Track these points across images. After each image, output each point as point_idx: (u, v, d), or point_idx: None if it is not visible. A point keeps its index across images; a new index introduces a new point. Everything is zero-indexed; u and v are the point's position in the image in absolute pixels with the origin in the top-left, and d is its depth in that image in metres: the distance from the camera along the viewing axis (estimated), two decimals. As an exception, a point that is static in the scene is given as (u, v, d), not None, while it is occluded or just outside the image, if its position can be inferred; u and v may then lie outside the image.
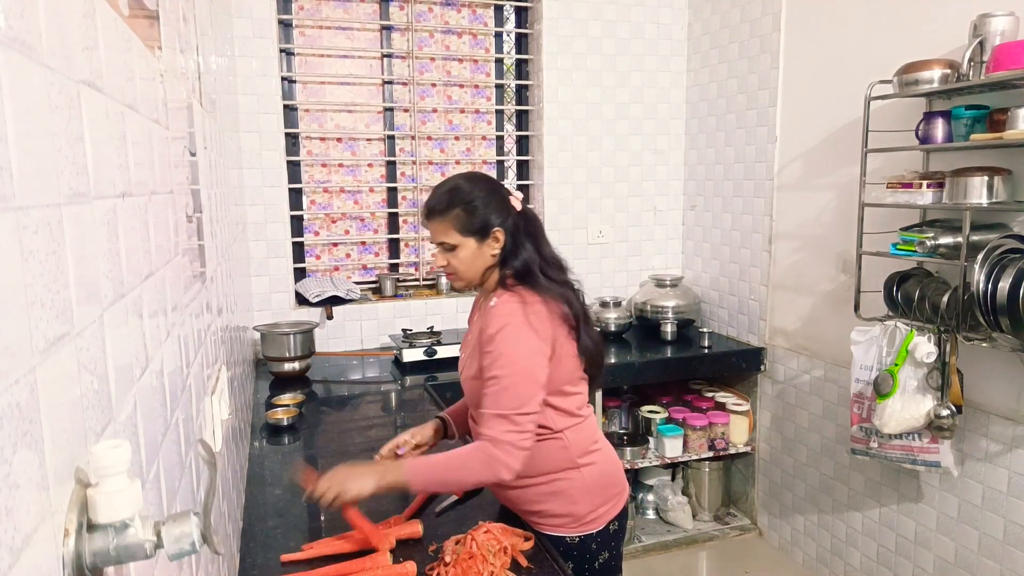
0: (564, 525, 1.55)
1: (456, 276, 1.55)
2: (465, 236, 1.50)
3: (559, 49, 3.29)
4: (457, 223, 1.49)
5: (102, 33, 0.60)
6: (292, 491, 1.75)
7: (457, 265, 1.52)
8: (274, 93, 2.95)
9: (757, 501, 3.25)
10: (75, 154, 0.50)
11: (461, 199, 1.50)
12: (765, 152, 3.01)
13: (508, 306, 1.46)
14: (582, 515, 1.55)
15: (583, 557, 1.57)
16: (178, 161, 1.00)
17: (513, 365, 1.41)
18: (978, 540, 2.22)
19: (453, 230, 1.50)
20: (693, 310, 3.34)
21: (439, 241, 1.52)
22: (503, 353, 1.42)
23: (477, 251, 1.51)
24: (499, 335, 1.43)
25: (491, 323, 1.45)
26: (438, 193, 1.53)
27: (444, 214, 1.50)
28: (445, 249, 1.52)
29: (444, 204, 1.50)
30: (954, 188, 2.02)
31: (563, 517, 1.55)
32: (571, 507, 1.55)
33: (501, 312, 1.46)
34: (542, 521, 1.56)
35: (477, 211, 1.49)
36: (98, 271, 0.54)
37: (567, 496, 1.55)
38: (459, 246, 1.50)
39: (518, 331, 1.43)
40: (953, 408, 2.11)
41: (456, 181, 1.55)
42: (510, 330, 1.43)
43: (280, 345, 2.71)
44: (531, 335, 1.44)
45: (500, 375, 1.41)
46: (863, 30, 2.52)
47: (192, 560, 0.85)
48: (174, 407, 0.82)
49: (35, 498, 0.39)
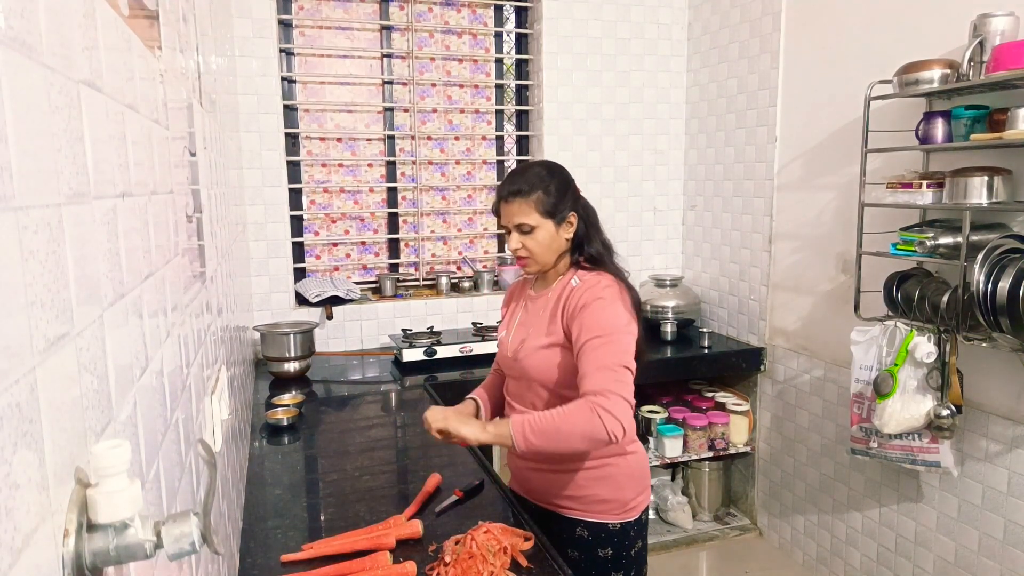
0: (609, 511, 1.59)
1: (531, 259, 1.56)
2: (545, 218, 1.53)
3: (559, 49, 3.29)
4: (539, 205, 1.52)
5: (102, 33, 0.60)
6: (292, 491, 1.75)
7: (534, 247, 1.54)
8: (274, 93, 2.96)
9: (757, 501, 3.25)
10: (75, 154, 0.50)
11: (543, 182, 1.54)
12: (765, 152, 3.01)
13: (604, 279, 1.53)
14: (626, 501, 1.60)
15: (622, 544, 1.60)
16: (178, 161, 1.00)
17: (614, 324, 1.46)
18: (978, 540, 2.22)
19: (535, 211, 1.52)
20: (693, 310, 3.34)
21: (518, 223, 1.53)
22: (607, 316, 1.46)
23: (555, 234, 1.55)
24: (598, 302, 1.48)
25: (586, 294, 1.50)
26: (520, 175, 1.56)
27: (528, 195, 1.52)
28: (523, 231, 1.54)
29: (528, 185, 1.53)
30: (954, 188, 2.02)
31: (609, 503, 1.58)
32: (618, 493, 1.59)
33: (597, 284, 1.51)
34: (585, 508, 1.59)
35: (557, 194, 1.54)
36: (98, 271, 0.54)
37: (615, 482, 1.58)
38: (538, 228, 1.53)
39: (612, 303, 1.49)
40: (953, 408, 2.11)
41: (537, 166, 1.59)
42: (609, 300, 1.49)
43: (280, 345, 2.71)
44: (623, 309, 1.50)
45: (603, 333, 1.44)
46: (863, 30, 2.52)
47: (192, 560, 0.85)
48: (174, 407, 0.82)
49: (35, 498, 0.39)
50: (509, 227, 1.56)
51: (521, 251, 1.56)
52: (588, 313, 1.47)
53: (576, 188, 1.60)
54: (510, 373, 1.69)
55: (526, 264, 1.59)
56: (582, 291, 1.52)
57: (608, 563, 1.60)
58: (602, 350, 1.43)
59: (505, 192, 1.55)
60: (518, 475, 1.74)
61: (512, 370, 1.67)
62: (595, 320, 1.47)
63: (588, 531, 1.60)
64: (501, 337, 1.73)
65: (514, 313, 1.72)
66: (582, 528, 1.60)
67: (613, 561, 1.60)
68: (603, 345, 1.44)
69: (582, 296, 1.51)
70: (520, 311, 1.70)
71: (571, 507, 1.60)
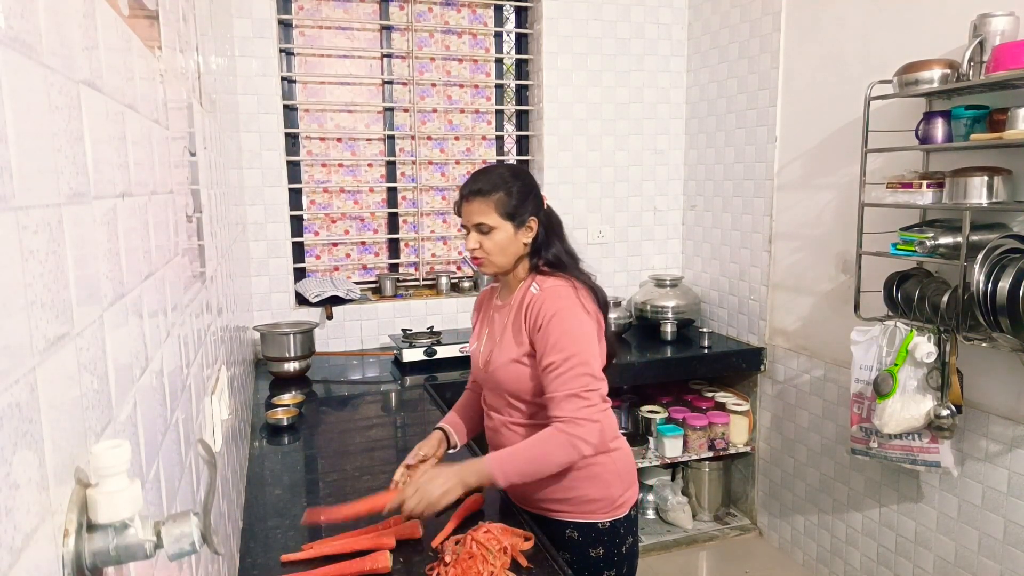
0: (598, 510, 1.59)
1: (487, 260, 1.56)
2: (504, 220, 1.53)
3: (559, 49, 3.29)
4: (499, 206, 1.52)
5: (102, 33, 0.60)
6: (292, 491, 1.75)
7: (491, 248, 1.53)
8: (274, 93, 2.95)
9: (757, 501, 3.25)
10: (75, 154, 0.50)
11: (505, 183, 1.53)
12: (765, 152, 3.01)
13: (560, 288, 1.52)
14: (615, 498, 1.60)
15: (613, 542, 1.60)
16: (178, 161, 1.00)
17: (576, 344, 1.46)
18: (978, 540, 2.22)
19: (494, 212, 1.52)
20: (693, 310, 3.34)
21: (477, 222, 1.53)
22: (565, 332, 1.46)
23: (513, 237, 1.54)
24: (556, 318, 1.47)
25: (544, 306, 1.49)
26: (484, 175, 1.56)
27: (488, 195, 1.52)
28: (481, 231, 1.53)
29: (489, 185, 1.53)
30: (954, 188, 2.02)
31: (598, 502, 1.58)
32: (606, 491, 1.58)
33: (554, 295, 1.51)
34: (573, 509, 1.58)
35: (518, 197, 1.53)
36: (98, 271, 0.54)
37: (602, 480, 1.58)
38: (496, 229, 1.52)
39: (573, 312, 1.49)
40: (953, 408, 2.11)
41: (501, 168, 1.59)
42: (566, 312, 1.48)
43: (280, 345, 2.71)
44: (585, 315, 1.50)
45: (564, 356, 1.45)
46: (863, 30, 2.53)
47: (192, 560, 0.85)
48: (174, 407, 0.82)
49: (35, 498, 0.39)
50: (468, 226, 1.55)
51: (478, 251, 1.55)
52: (549, 332, 1.47)
53: (540, 195, 1.60)
54: (485, 385, 1.69)
55: (481, 264, 1.57)
56: (541, 301, 1.51)
57: (600, 562, 1.60)
58: (567, 375, 1.45)
59: (467, 190, 1.55)
60: None
61: (486, 382, 1.66)
62: (556, 339, 1.46)
63: (578, 532, 1.59)
64: (472, 349, 1.73)
65: (483, 323, 1.72)
66: (572, 529, 1.59)
67: (605, 560, 1.60)
68: (568, 369, 1.45)
69: (541, 308, 1.50)
70: (488, 321, 1.69)
71: (560, 509, 1.60)
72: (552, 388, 1.46)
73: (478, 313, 1.77)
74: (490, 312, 1.70)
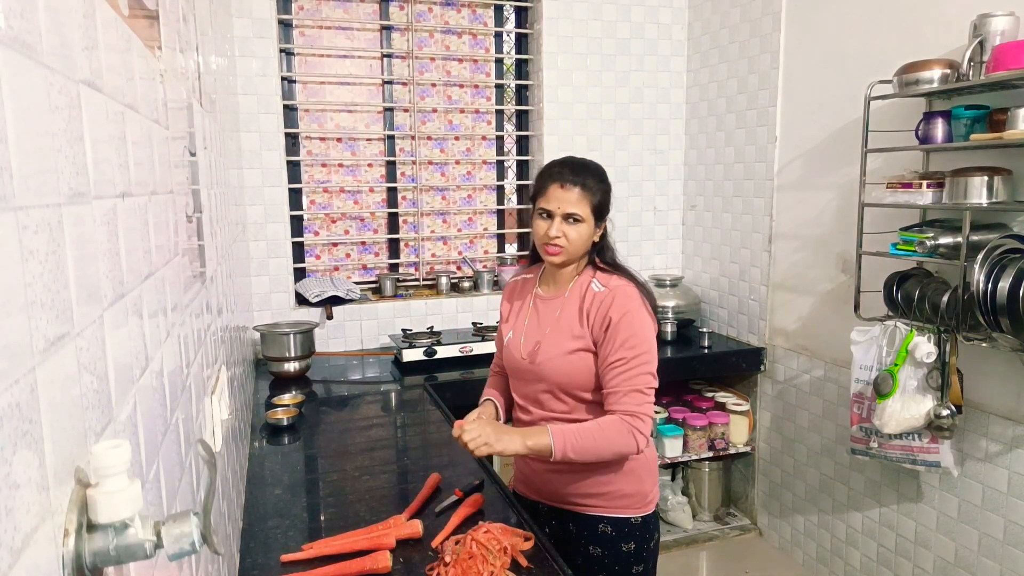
0: (631, 505, 1.62)
1: (565, 250, 1.56)
2: (592, 215, 1.56)
3: (559, 49, 3.29)
4: (594, 201, 1.55)
5: (102, 33, 0.60)
6: (292, 491, 1.75)
7: (574, 238, 1.55)
8: (274, 93, 2.95)
9: (757, 501, 3.25)
10: (75, 154, 0.50)
11: (602, 183, 1.58)
12: (765, 152, 3.01)
13: (629, 289, 1.57)
14: (646, 493, 1.64)
15: (643, 537, 1.63)
16: (178, 161, 1.00)
17: (644, 344, 1.52)
18: (978, 540, 2.22)
19: (588, 206, 1.55)
20: (693, 310, 3.34)
21: (570, 212, 1.53)
22: (634, 334, 1.51)
23: (592, 232, 1.58)
24: (626, 317, 1.52)
25: (615, 304, 1.53)
26: (584, 168, 1.58)
27: (591, 189, 1.55)
28: (571, 220, 1.54)
29: (593, 181, 1.56)
30: (954, 188, 2.02)
31: (631, 496, 1.61)
32: (639, 486, 1.62)
33: (624, 295, 1.55)
34: (608, 504, 1.61)
35: (605, 197, 1.59)
36: (98, 271, 0.54)
37: (636, 475, 1.62)
38: (584, 222, 1.55)
39: (640, 313, 1.54)
40: (953, 408, 2.11)
41: (597, 166, 1.62)
42: (635, 313, 1.53)
43: (280, 345, 2.71)
44: (649, 318, 1.57)
45: (634, 354, 1.51)
46: (863, 30, 2.52)
47: (192, 560, 0.85)
48: (174, 407, 0.82)
49: (35, 498, 0.39)
50: (555, 212, 1.54)
51: (560, 239, 1.54)
52: (620, 329, 1.51)
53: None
54: (522, 376, 1.66)
55: (558, 253, 1.56)
56: (609, 299, 1.54)
57: (631, 557, 1.62)
58: (635, 370, 1.50)
59: (568, 178, 1.55)
60: (533, 478, 1.71)
61: (526, 374, 1.64)
62: (625, 338, 1.51)
63: (612, 527, 1.61)
64: (509, 339, 1.69)
65: (520, 313, 1.70)
66: (605, 524, 1.62)
67: (635, 555, 1.62)
68: (636, 365, 1.50)
69: (611, 306, 1.53)
70: (527, 311, 1.67)
71: (594, 504, 1.62)
72: (616, 383, 1.50)
73: (510, 304, 1.76)
74: (529, 301, 1.69)
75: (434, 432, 2.18)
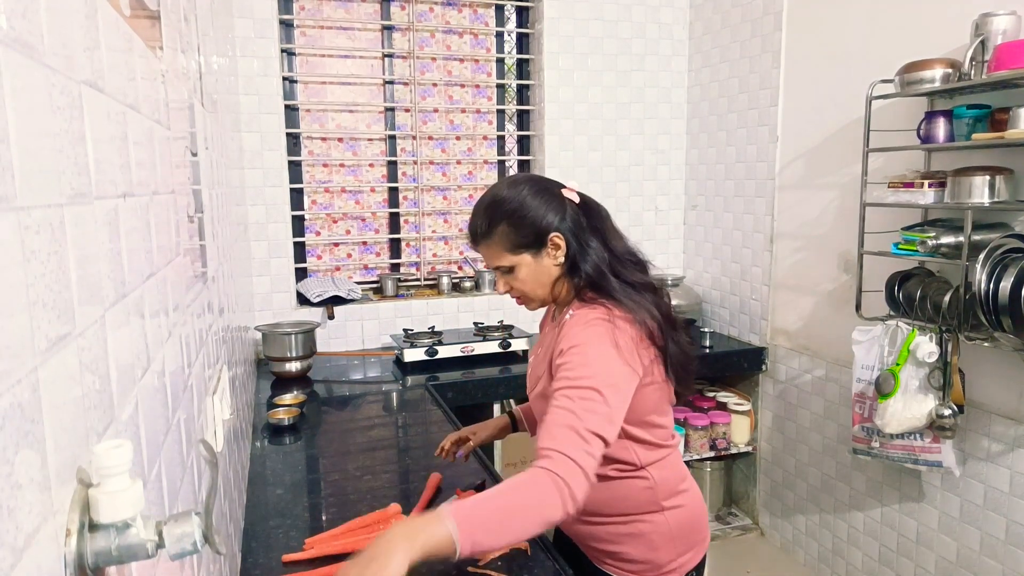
0: (640, 572, 1.38)
1: (526, 296, 1.35)
2: (518, 253, 1.29)
3: (560, 49, 3.29)
4: (506, 241, 1.29)
5: (104, 33, 0.60)
6: (293, 491, 1.75)
7: (521, 287, 1.33)
8: (275, 93, 2.96)
9: (759, 501, 3.25)
10: (77, 154, 0.50)
11: (503, 212, 1.29)
12: (766, 152, 3.01)
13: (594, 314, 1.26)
14: (662, 564, 1.37)
15: None
16: (180, 161, 1.00)
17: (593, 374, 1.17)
18: (980, 540, 2.22)
19: (503, 251, 1.30)
20: (694, 310, 3.34)
21: (494, 266, 1.33)
22: (578, 366, 1.19)
23: (537, 266, 1.30)
24: (571, 351, 1.22)
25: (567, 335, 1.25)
26: (477, 212, 1.33)
27: (489, 236, 1.30)
28: (503, 273, 1.33)
29: (486, 224, 1.30)
30: (956, 188, 2.02)
31: (640, 564, 1.37)
32: (651, 554, 1.37)
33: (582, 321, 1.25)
34: (615, 564, 1.39)
35: (525, 220, 1.28)
36: (100, 271, 0.54)
37: (647, 541, 1.36)
38: (516, 266, 1.30)
39: (599, 345, 1.21)
40: (955, 408, 2.11)
41: (494, 193, 1.33)
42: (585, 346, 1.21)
43: (281, 345, 2.71)
44: (612, 353, 1.21)
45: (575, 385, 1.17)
46: (864, 29, 2.52)
47: (194, 560, 0.85)
48: (176, 407, 0.82)
49: (37, 498, 0.40)
50: (490, 269, 1.37)
51: (512, 292, 1.36)
52: (564, 366, 1.21)
53: (557, 195, 1.32)
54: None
55: (523, 303, 1.38)
56: (571, 326, 1.27)
57: None
58: (577, 404, 1.14)
59: (473, 237, 1.34)
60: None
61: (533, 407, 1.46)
62: (568, 371, 1.20)
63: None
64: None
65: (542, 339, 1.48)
66: None
67: None
68: (578, 399, 1.15)
69: (564, 337, 1.25)
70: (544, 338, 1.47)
71: (603, 560, 1.41)
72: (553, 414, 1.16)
73: (540, 331, 1.53)
74: (544, 329, 1.48)
75: (435, 432, 2.18)
